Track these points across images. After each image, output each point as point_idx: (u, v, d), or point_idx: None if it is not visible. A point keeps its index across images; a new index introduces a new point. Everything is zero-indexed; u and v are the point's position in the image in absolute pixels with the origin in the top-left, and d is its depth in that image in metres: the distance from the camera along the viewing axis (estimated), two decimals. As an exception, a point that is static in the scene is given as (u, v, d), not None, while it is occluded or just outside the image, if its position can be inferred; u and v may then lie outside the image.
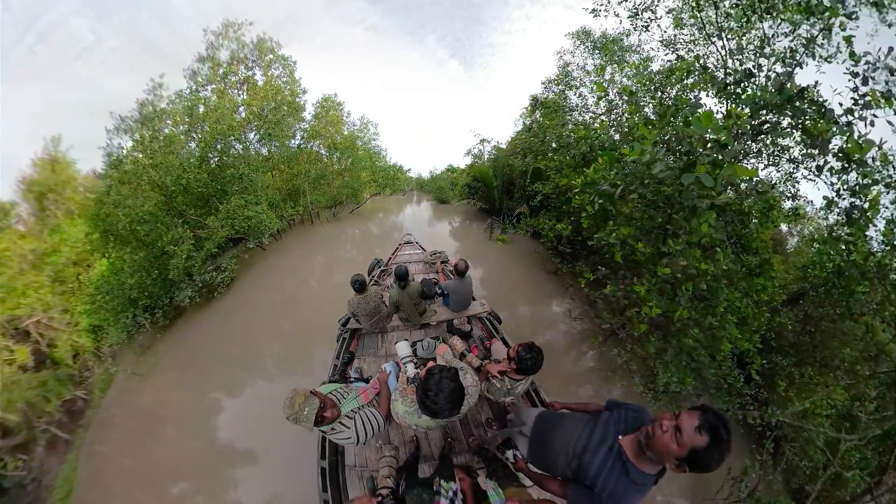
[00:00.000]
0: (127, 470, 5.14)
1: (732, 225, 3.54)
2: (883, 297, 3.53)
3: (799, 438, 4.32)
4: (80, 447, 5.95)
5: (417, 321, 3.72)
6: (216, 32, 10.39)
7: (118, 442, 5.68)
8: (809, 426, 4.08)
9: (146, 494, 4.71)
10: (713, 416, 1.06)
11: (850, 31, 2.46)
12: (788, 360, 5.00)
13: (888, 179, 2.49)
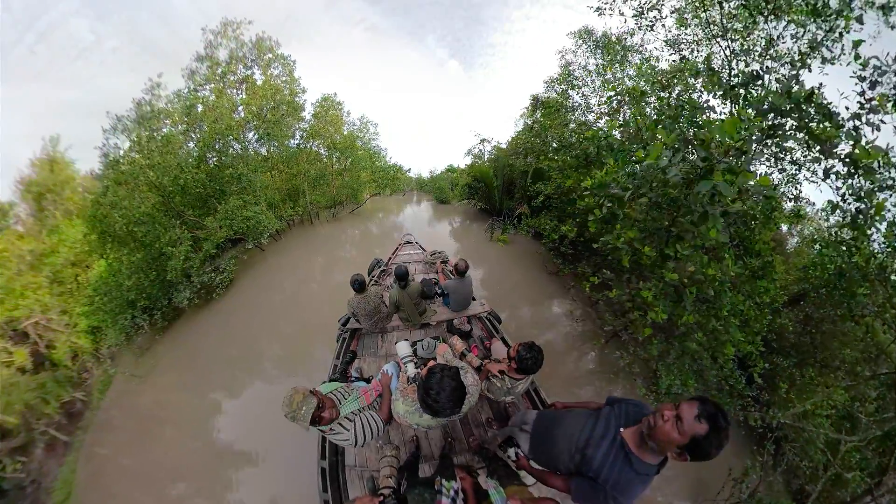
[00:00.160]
0: (126, 471, 5.12)
1: (735, 227, 3.52)
2: (884, 299, 3.53)
3: (799, 439, 4.31)
4: (79, 449, 5.93)
5: (417, 321, 3.72)
6: (215, 31, 10.35)
7: (117, 443, 5.66)
8: (810, 427, 4.07)
9: (146, 496, 4.70)
10: (711, 405, 1.09)
11: (853, 33, 2.45)
12: (789, 361, 5.00)
13: (890, 181, 2.48)
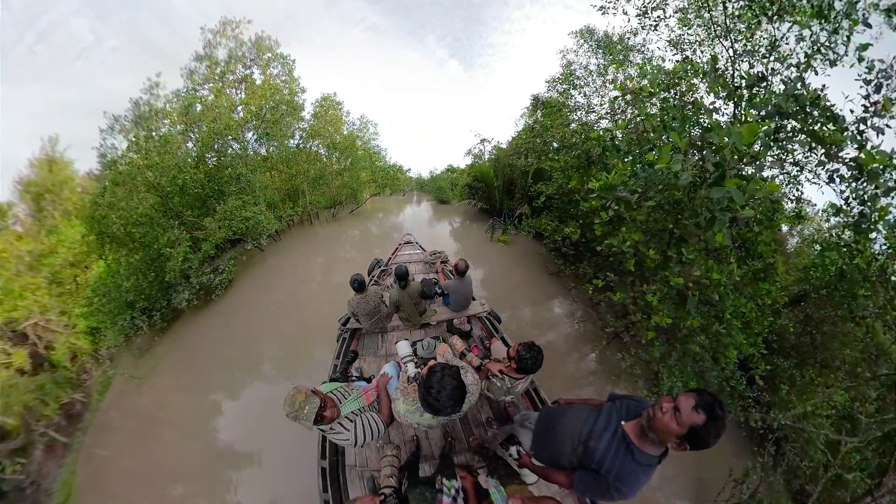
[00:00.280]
0: (126, 473, 5.11)
1: (737, 229, 3.52)
2: (885, 301, 3.53)
3: (800, 439, 4.31)
4: (78, 450, 5.91)
5: (417, 321, 3.72)
6: (214, 31, 10.30)
7: (117, 445, 5.65)
8: (810, 427, 4.07)
9: (146, 497, 4.69)
10: (708, 395, 1.14)
11: (856, 34, 2.44)
12: (790, 361, 5.01)
13: (893, 184, 2.47)
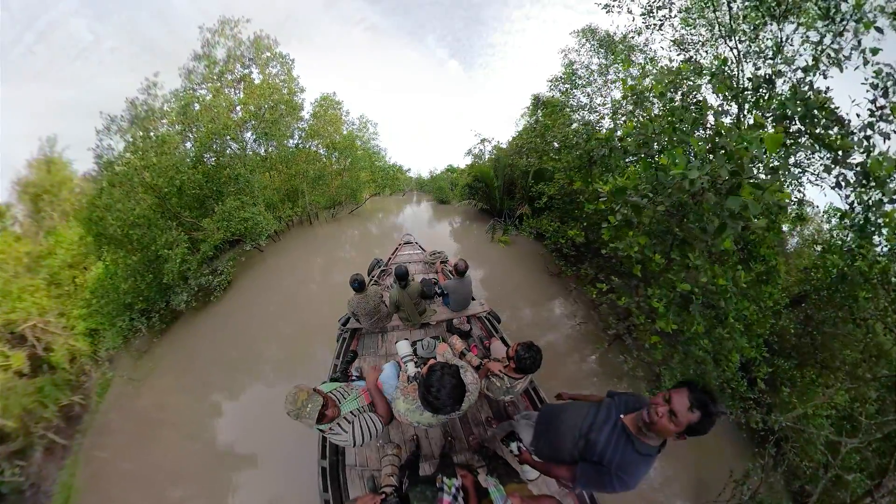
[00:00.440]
0: (126, 474, 5.11)
1: (743, 233, 3.50)
2: (887, 302, 3.52)
3: (800, 440, 4.31)
4: (78, 452, 5.91)
5: (417, 321, 3.72)
6: (212, 30, 10.22)
7: (117, 446, 5.64)
8: (811, 428, 4.07)
9: (145, 499, 4.68)
10: (700, 392, 1.20)
11: (860, 37, 2.42)
12: (790, 362, 5.01)
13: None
